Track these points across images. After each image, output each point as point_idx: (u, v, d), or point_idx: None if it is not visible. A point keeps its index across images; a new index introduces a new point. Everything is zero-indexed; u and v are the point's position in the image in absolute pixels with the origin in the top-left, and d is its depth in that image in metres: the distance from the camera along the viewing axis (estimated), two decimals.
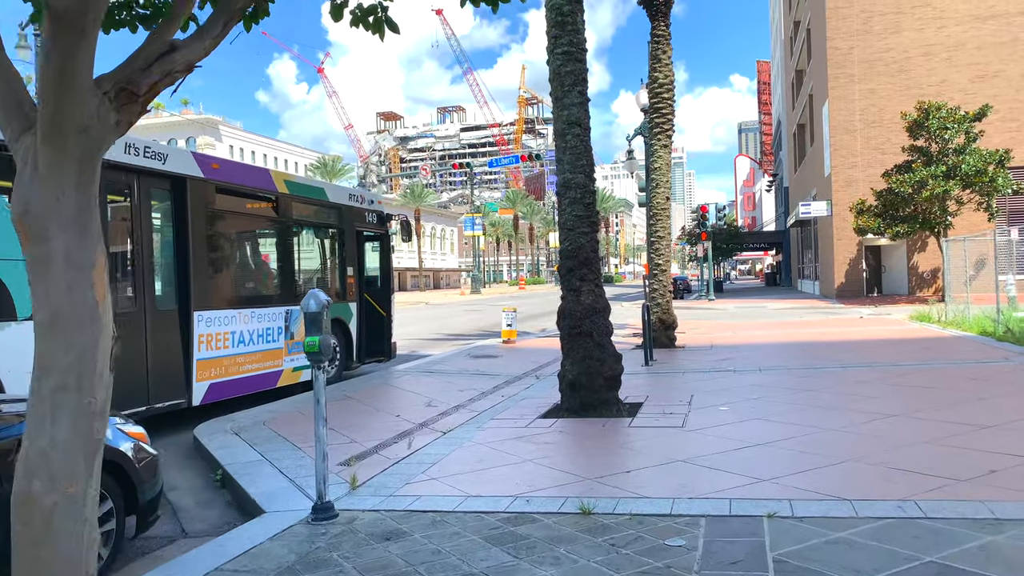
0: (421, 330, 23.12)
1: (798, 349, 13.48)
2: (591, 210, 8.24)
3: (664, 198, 14.77)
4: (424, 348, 17.64)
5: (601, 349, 8.05)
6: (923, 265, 33.28)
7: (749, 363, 11.67)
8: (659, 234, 14.83)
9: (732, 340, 15.73)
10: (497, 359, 13.70)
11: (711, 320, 23.05)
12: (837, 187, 33.52)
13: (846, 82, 33.38)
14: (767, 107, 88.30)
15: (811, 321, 20.52)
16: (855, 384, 9.11)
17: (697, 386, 9.56)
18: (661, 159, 14.76)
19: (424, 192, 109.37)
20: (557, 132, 8.35)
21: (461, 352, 15.10)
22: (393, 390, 10.25)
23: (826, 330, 17.18)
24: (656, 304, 14.74)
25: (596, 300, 8.14)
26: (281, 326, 10.08)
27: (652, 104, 14.83)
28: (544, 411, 8.23)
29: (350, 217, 11.90)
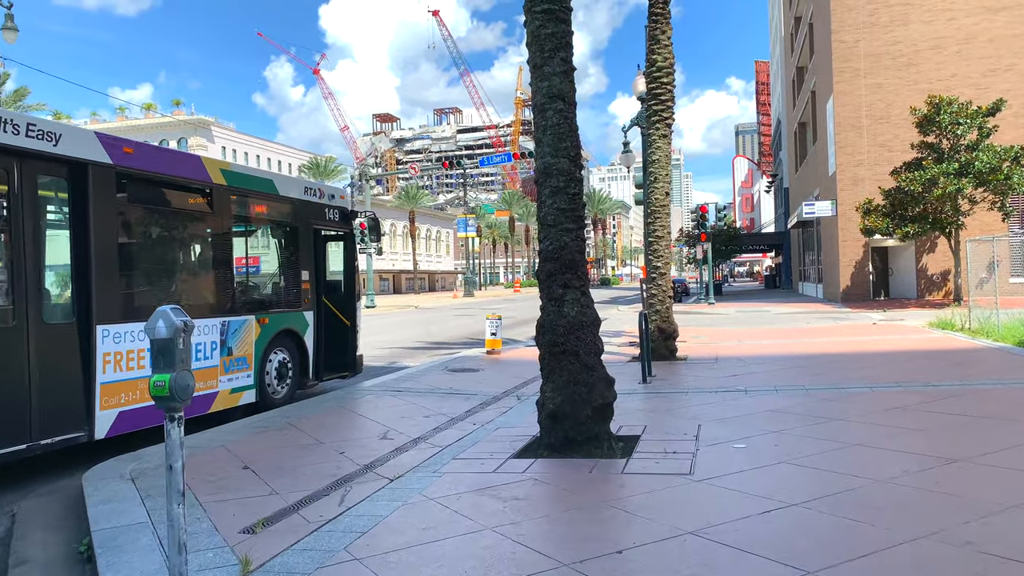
0: (404, 337, 21.64)
1: (813, 363, 12.02)
2: (576, 202, 6.77)
3: (663, 194, 13.32)
4: (402, 358, 16.16)
5: (589, 372, 6.59)
6: (932, 267, 31.87)
7: (761, 381, 10.20)
8: (658, 234, 13.37)
9: (738, 351, 14.27)
10: (477, 373, 12.22)
11: (713, 326, 21.60)
12: (842, 186, 32.11)
13: (851, 76, 31.98)
14: (765, 108, 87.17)
15: (820, 328, 19.06)
16: (892, 412, 7.64)
17: (704, 412, 8.08)
18: (660, 150, 13.30)
19: (419, 194, 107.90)
20: (536, 107, 6.88)
21: (439, 365, 13.62)
22: (348, 416, 8.76)
23: (839, 339, 15.72)
24: (655, 311, 13.28)
25: (583, 311, 6.67)
26: (216, 340, 8.59)
27: (650, 90, 13.37)
28: (520, 447, 6.76)
29: (305, 213, 10.42)
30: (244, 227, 9.55)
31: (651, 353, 12.27)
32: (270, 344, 9.55)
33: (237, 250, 9.20)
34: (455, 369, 12.72)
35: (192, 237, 8.81)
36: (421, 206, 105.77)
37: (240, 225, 9.43)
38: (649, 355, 11.06)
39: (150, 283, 8.16)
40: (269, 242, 10.24)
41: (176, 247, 8.61)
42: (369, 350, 17.79)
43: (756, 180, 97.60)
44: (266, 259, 10.26)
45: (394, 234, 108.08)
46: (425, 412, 8.76)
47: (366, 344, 19.08)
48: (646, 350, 10.82)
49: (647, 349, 10.94)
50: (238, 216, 9.28)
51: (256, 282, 9.90)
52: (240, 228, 9.44)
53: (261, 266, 10.13)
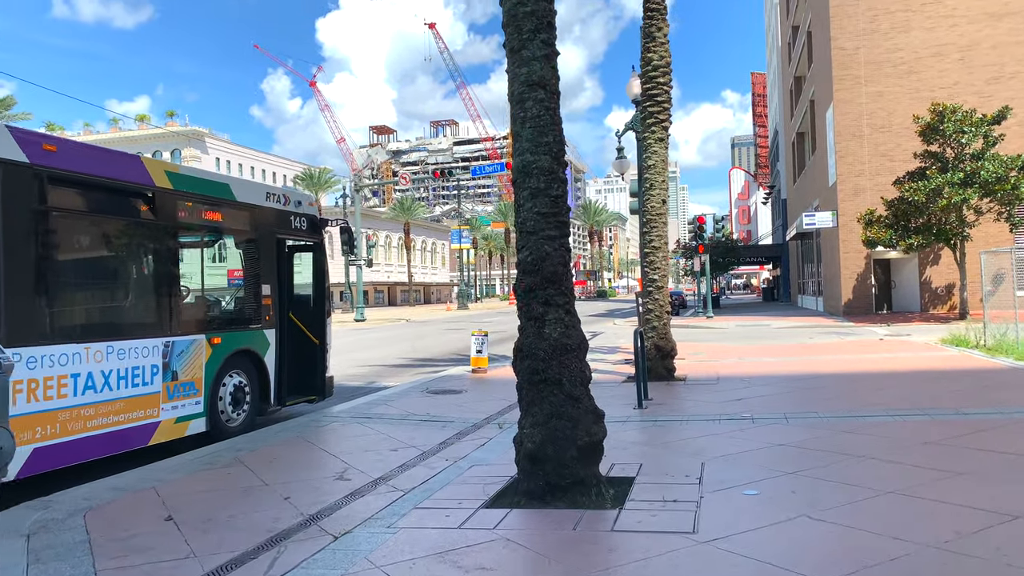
0: (389, 353, 20.65)
1: (823, 384, 11.07)
2: (559, 205, 5.84)
3: (660, 202, 12.40)
4: (383, 377, 15.18)
5: (575, 404, 5.64)
6: (937, 280, 31.00)
7: (769, 406, 9.25)
8: (654, 244, 12.44)
9: (740, 370, 13.32)
10: (459, 396, 11.25)
11: (712, 342, 20.66)
12: (843, 196, 31.28)
13: (852, 84, 31.22)
14: (762, 119, 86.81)
15: (825, 344, 18.12)
16: (925, 448, 6.68)
17: (707, 446, 7.12)
18: (656, 155, 12.39)
19: (414, 205, 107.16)
20: (513, 97, 5.96)
21: (419, 385, 12.64)
22: (305, 449, 7.78)
23: (847, 357, 14.79)
24: (651, 328, 12.33)
25: (567, 333, 5.73)
26: (157, 363, 7.62)
27: (645, 91, 12.48)
28: (494, 492, 5.80)
29: (268, 222, 9.47)
30: (194, 236, 8.60)
31: (647, 373, 11.33)
32: (224, 366, 8.59)
33: (185, 262, 8.25)
34: (435, 391, 11.74)
35: (130, 247, 7.85)
36: (416, 218, 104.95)
37: (189, 234, 8.48)
38: (645, 376, 10.11)
39: (76, 299, 7.19)
40: (224, 253, 9.28)
41: (110, 258, 7.63)
42: (349, 367, 16.83)
43: (753, 192, 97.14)
44: (220, 272, 9.31)
45: (389, 246, 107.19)
46: (393, 444, 7.79)
47: (347, 361, 18.21)
48: (642, 371, 9.87)
49: (643, 370, 9.98)
50: (186, 224, 8.33)
51: (208, 297, 8.93)
52: (189, 237, 8.50)
53: (214, 280, 9.17)
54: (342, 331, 32.97)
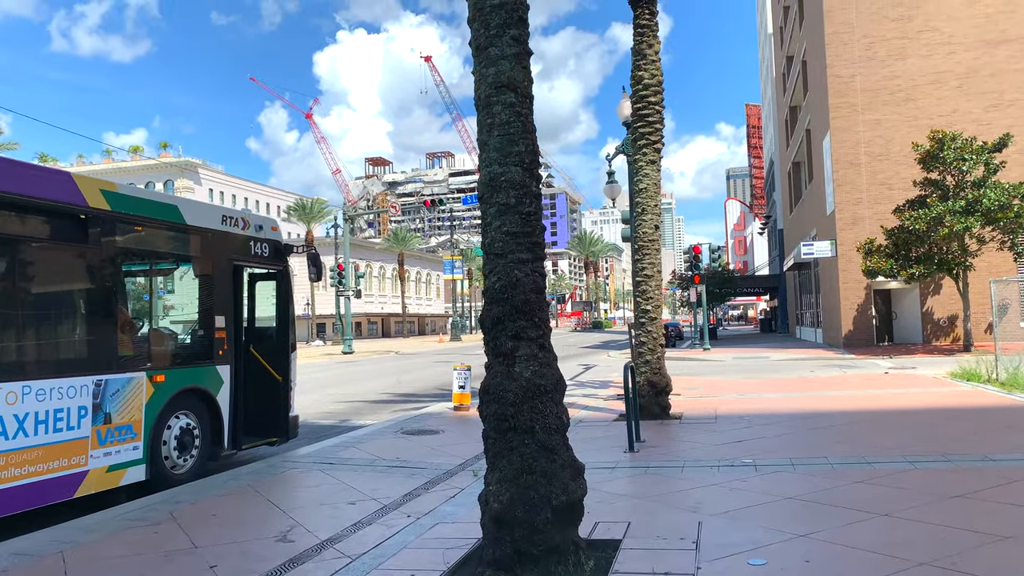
0: (372, 388, 19.75)
1: (830, 423, 10.22)
2: (532, 224, 5.06)
3: (652, 227, 11.64)
4: (360, 415, 14.30)
5: (549, 457, 4.81)
6: (939, 311, 30.25)
7: (772, 449, 8.40)
8: (646, 272, 11.66)
9: (740, 407, 12.47)
10: (435, 437, 10.37)
11: (709, 375, 19.80)
12: (841, 226, 30.65)
13: (848, 112, 30.76)
14: (757, 151, 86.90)
15: (828, 379, 17.29)
16: (956, 503, 5.84)
17: (705, 500, 6.27)
18: (648, 178, 11.67)
19: (408, 236, 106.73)
20: (480, 102, 5.22)
21: (396, 424, 11.76)
22: (251, 502, 6.90)
23: (853, 393, 13.95)
24: (644, 362, 11.51)
25: (541, 372, 4.92)
26: (86, 404, 6.77)
27: (636, 111, 11.80)
28: (456, 560, 4.94)
29: (223, 247, 8.67)
30: (136, 263, 7.81)
31: (640, 412, 10.50)
32: (169, 407, 7.73)
33: (124, 291, 7.44)
34: (411, 431, 10.86)
35: (59, 275, 7.03)
36: (410, 248, 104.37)
37: (130, 260, 7.69)
38: (637, 415, 9.27)
39: None
40: (172, 281, 8.48)
41: (33, 287, 6.80)
42: (327, 404, 15.95)
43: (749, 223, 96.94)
44: (166, 302, 8.50)
45: (383, 277, 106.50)
46: (353, 495, 6.91)
47: (326, 397, 17.30)
48: (633, 410, 9.03)
49: (634, 409, 9.15)
50: (126, 249, 7.53)
51: (150, 331, 8.10)
52: (130, 264, 7.71)
53: (160, 311, 8.35)
54: (329, 364, 32.07)
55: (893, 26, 30.66)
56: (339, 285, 37.49)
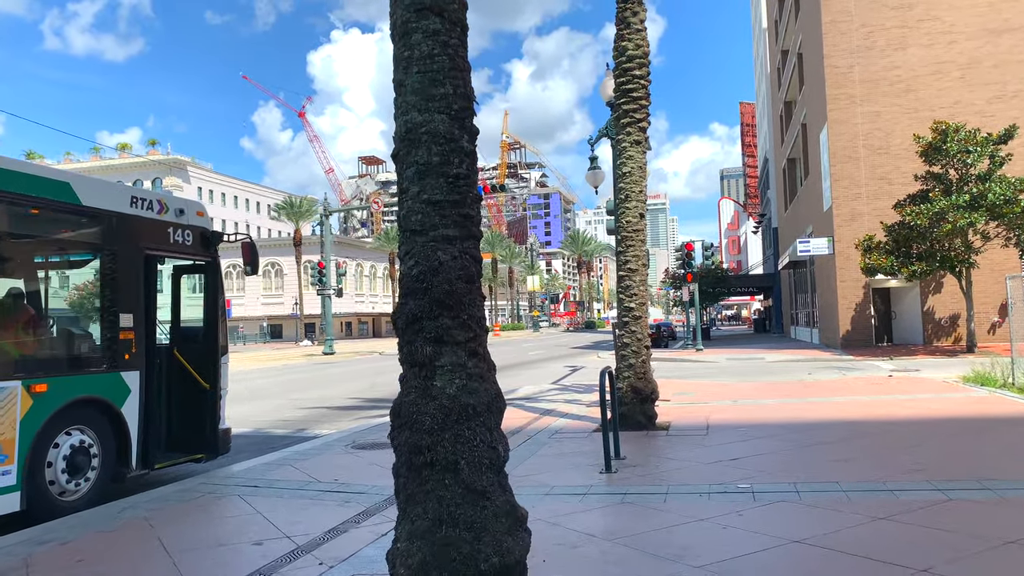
0: (341, 392, 18.48)
1: (836, 436, 9.01)
2: (462, 190, 3.83)
3: (637, 216, 10.42)
4: (318, 424, 13.03)
5: (477, 501, 3.58)
6: (940, 310, 29.13)
7: (772, 470, 7.19)
8: (630, 266, 10.43)
9: (735, 415, 11.25)
10: (388, 452, 9.12)
11: (701, 378, 18.60)
12: (839, 222, 29.50)
13: (847, 104, 29.61)
14: (751, 149, 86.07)
15: (828, 383, 16.10)
16: (1009, 551, 4.62)
17: (693, 543, 5.04)
18: (632, 161, 10.45)
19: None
20: (396, 30, 3.98)
21: (347, 436, 10.49)
22: (134, 542, 5.63)
23: (858, 399, 12.75)
24: (627, 365, 10.29)
25: (469, 387, 3.69)
26: None
27: (619, 84, 10.58)
28: None
29: (131, 234, 7.40)
30: (13, 250, 6.55)
31: (623, 421, 9.31)
32: (54, 422, 6.48)
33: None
34: (363, 445, 9.61)
35: None
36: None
37: (6, 247, 6.43)
38: (616, 429, 8.06)
39: None
40: (64, 273, 7.22)
41: None
42: (287, 411, 14.71)
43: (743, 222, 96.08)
44: (57, 298, 7.24)
45: (375, 276, 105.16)
46: (264, 532, 5.67)
47: (289, 403, 15.96)
48: (613, 423, 7.81)
49: (614, 421, 7.93)
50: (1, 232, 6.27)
51: (30, 331, 6.83)
52: (6, 252, 6.44)
53: (43, 308, 7.09)
54: (306, 365, 30.79)
55: (893, 15, 29.52)
56: (320, 284, 36.17)
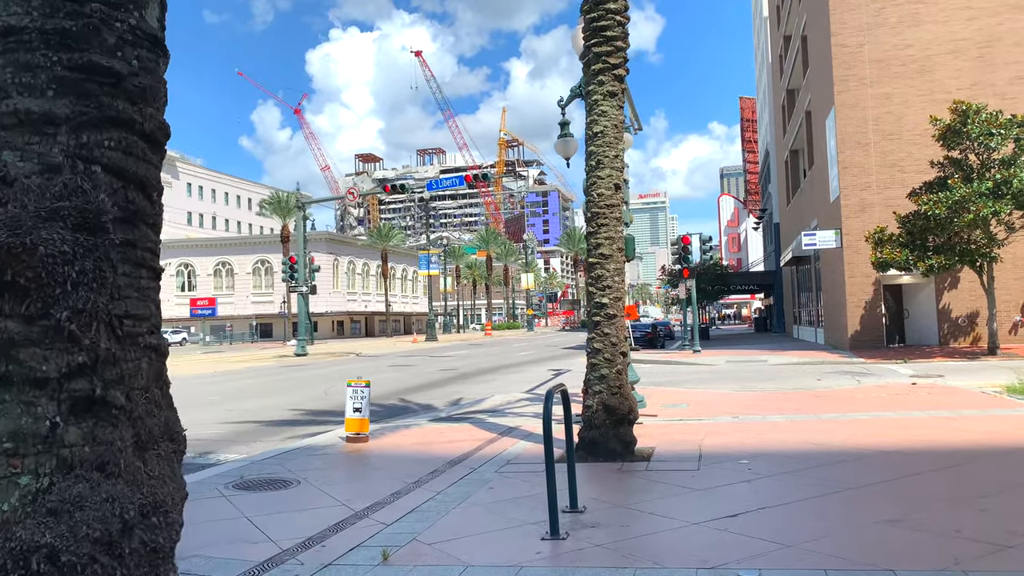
0: (287, 402, 16.25)
1: (871, 473, 6.82)
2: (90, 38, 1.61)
3: (611, 187, 8.21)
4: (236, 443, 10.83)
5: None
6: (957, 308, 26.92)
7: (791, 538, 4.99)
8: (603, 251, 8.21)
9: (736, 438, 9.05)
10: (280, 493, 6.93)
11: (697, 385, 16.41)
12: (847, 213, 27.28)
13: (856, 86, 27.39)
14: (751, 145, 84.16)
15: (844, 393, 13.92)
16: None
17: None
18: (606, 118, 8.24)
19: (392, 232, 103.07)
20: None
21: (243, 467, 8.28)
22: None
23: (884, 415, 10.54)
24: (598, 377, 8.09)
25: (63, 500, 1.46)
26: None
27: (590, 23, 8.37)
28: None
29: None
30: None
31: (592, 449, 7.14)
32: None
33: None
34: (249, 483, 7.40)
35: None
36: (394, 244, 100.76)
37: None
38: (573, 470, 5.85)
39: None
40: None
41: None
42: (212, 425, 12.50)
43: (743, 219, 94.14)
44: None
45: (367, 274, 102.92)
46: None
47: (217, 414, 13.01)
48: (568, 459, 5.61)
49: (568, 457, 5.73)
50: None
51: None
52: None
53: None
54: (269, 368, 28.57)
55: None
56: (292, 280, 33.96)
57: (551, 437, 5.21)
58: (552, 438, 5.24)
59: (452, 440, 9.65)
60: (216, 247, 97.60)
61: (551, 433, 5.21)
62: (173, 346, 76.72)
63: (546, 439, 5.23)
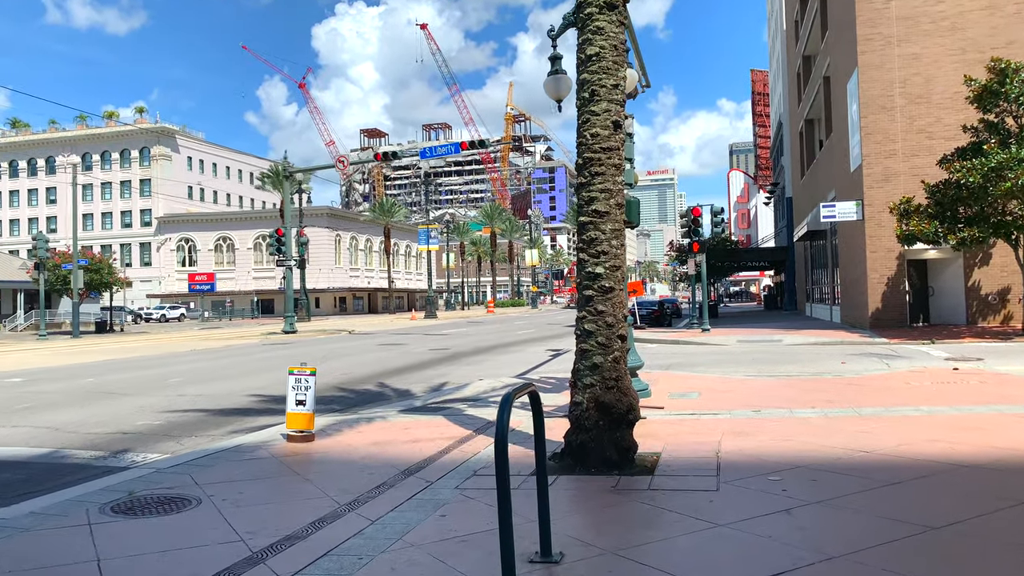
0: (249, 386, 14.61)
1: (951, 497, 5.13)
2: None
3: (609, 124, 6.45)
4: (167, 438, 9.18)
5: None
6: (987, 285, 25.07)
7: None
8: (597, 207, 6.45)
9: (761, 442, 7.35)
10: (166, 520, 5.27)
11: (708, 368, 14.71)
12: (870, 183, 25.36)
13: (881, 45, 25.35)
14: (762, 119, 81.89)
15: (876, 379, 12.20)
16: None
17: None
18: (603, 36, 6.46)
19: (395, 207, 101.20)
20: None
21: (129, 482, 6.59)
22: None
23: (938, 411, 8.82)
24: (589, 366, 6.38)
25: None
26: None
27: None
28: None
29: None
30: None
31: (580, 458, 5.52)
32: None
33: None
34: (140, 501, 5.74)
35: None
36: (397, 220, 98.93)
37: None
38: (545, 499, 4.15)
39: None
40: None
41: None
42: (149, 413, 10.87)
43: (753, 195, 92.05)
44: None
45: (370, 250, 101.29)
46: None
47: (169, 400, 11.16)
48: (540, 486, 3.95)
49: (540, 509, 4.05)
50: None
51: None
52: None
53: None
54: (250, 347, 26.96)
55: None
56: (279, 254, 32.29)
57: (506, 466, 3.50)
58: (508, 467, 3.53)
59: (416, 439, 7.99)
60: (217, 222, 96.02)
61: (506, 461, 3.49)
62: (171, 322, 75.29)
63: (499, 476, 3.52)
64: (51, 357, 24.18)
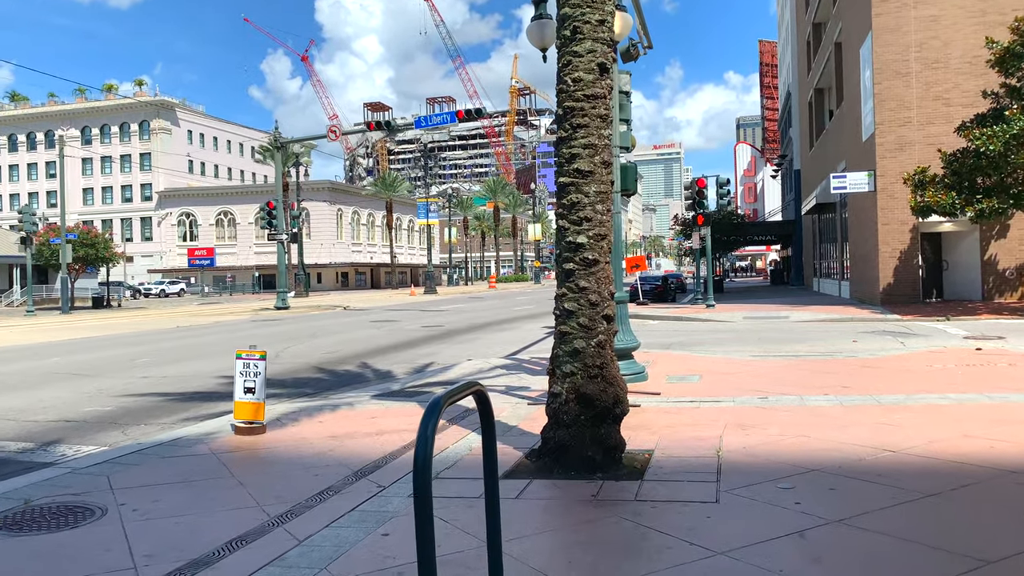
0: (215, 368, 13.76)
1: (1007, 513, 4.23)
2: None
3: (593, 68, 5.46)
4: (112, 426, 8.32)
5: None
6: (1005, 260, 24.03)
7: None
8: (579, 165, 5.48)
9: (769, 436, 6.45)
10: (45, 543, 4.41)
11: (712, 347, 13.79)
12: (883, 152, 24.23)
13: (897, 7, 24.09)
14: (770, 91, 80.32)
15: (893, 360, 11.27)
16: None
17: None
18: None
19: (397, 181, 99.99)
20: None
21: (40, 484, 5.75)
22: None
23: (970, 399, 7.89)
24: (569, 352, 5.46)
25: None
26: None
27: None
28: None
29: None
30: None
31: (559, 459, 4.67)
32: None
33: None
34: (35, 511, 4.82)
35: None
36: (399, 194, 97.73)
37: None
38: (495, 533, 3.25)
39: None
40: None
41: None
42: (102, 398, 10.01)
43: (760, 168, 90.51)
44: None
45: (372, 225, 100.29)
46: None
47: (135, 380, 10.26)
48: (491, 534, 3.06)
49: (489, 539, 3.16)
50: None
51: None
52: None
53: None
54: (237, 324, 26.11)
55: None
56: (271, 228, 31.35)
57: (429, 497, 2.59)
58: (431, 497, 2.61)
59: (381, 431, 7.11)
60: (218, 196, 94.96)
61: (429, 489, 2.58)
62: (171, 297, 74.58)
63: (418, 507, 2.61)
64: (28, 334, 23.38)
